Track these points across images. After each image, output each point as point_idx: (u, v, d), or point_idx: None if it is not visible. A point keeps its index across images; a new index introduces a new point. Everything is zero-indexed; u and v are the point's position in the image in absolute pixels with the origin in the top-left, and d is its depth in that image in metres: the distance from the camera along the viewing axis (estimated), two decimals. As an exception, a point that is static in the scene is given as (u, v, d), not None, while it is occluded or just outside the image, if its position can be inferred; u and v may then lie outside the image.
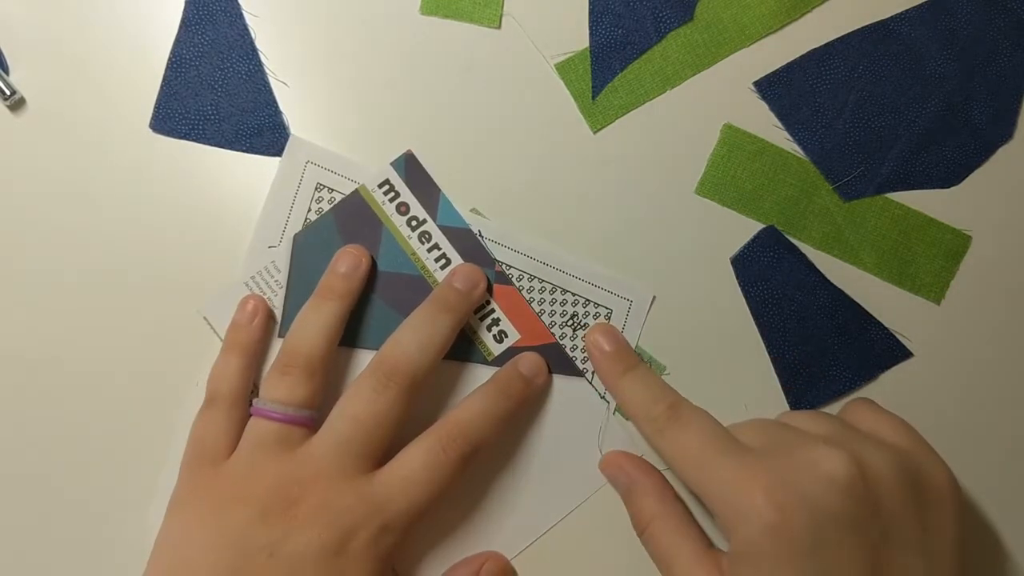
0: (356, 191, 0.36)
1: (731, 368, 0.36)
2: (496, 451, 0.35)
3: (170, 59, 0.37)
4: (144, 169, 0.37)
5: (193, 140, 0.37)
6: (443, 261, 0.35)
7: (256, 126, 0.37)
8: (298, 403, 0.32)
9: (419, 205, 0.36)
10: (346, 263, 0.34)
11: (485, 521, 0.35)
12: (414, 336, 0.33)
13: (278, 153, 0.37)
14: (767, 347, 0.36)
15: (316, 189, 0.36)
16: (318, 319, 0.33)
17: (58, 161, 0.37)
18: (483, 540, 0.35)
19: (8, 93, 0.36)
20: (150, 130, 0.37)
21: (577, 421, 0.35)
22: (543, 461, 0.35)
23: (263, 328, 0.35)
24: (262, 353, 0.35)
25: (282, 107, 0.37)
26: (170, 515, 0.32)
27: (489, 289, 0.35)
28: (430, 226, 0.35)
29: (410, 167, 0.36)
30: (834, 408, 0.36)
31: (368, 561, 0.31)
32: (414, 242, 0.35)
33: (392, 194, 0.36)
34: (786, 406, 0.36)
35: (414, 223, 0.36)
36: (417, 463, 0.31)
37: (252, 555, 0.29)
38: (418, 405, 0.33)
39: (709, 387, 0.36)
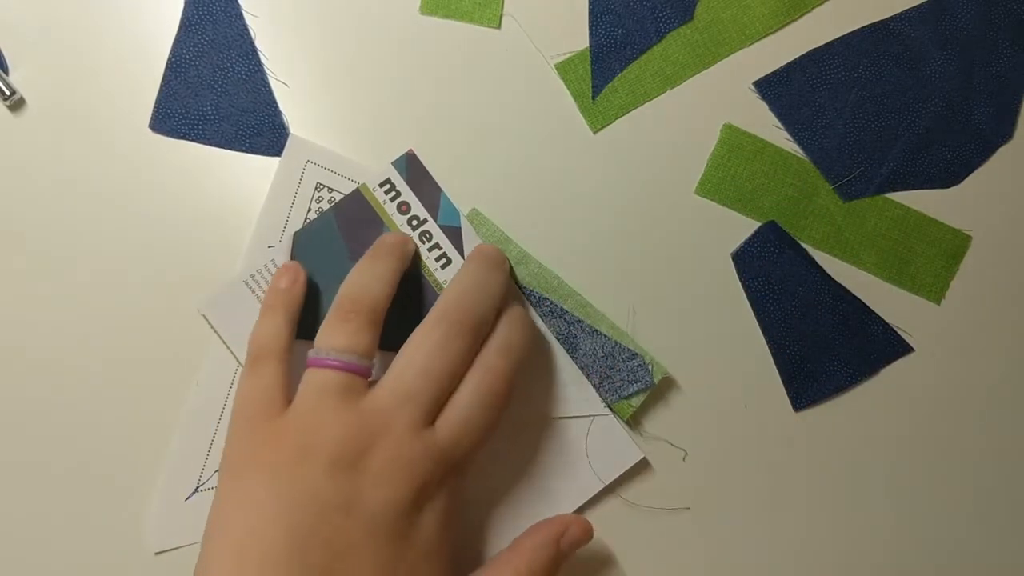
0: (357, 190, 0.36)
1: (731, 367, 0.36)
2: (493, 454, 0.34)
3: (170, 59, 0.37)
4: (144, 169, 0.37)
5: (193, 140, 0.37)
6: (444, 260, 0.35)
7: (256, 126, 0.37)
8: (360, 351, 0.30)
9: (420, 205, 0.36)
10: (394, 237, 0.34)
11: (483, 524, 0.35)
12: (478, 285, 0.32)
13: (278, 153, 0.37)
14: (768, 343, 0.36)
15: (316, 189, 0.36)
16: (378, 271, 0.32)
17: (58, 161, 0.37)
18: (482, 543, 0.35)
19: (8, 93, 0.36)
20: (150, 130, 0.37)
21: (574, 423, 0.35)
22: (541, 463, 0.35)
23: (303, 292, 0.34)
24: (298, 319, 0.34)
25: (282, 107, 0.37)
26: (227, 480, 0.30)
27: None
28: (431, 226, 0.35)
29: (411, 166, 0.36)
30: (837, 407, 0.36)
31: (440, 507, 0.30)
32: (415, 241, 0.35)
33: (393, 193, 0.36)
34: (787, 402, 0.36)
35: (415, 222, 0.36)
36: (473, 401, 0.30)
37: (327, 514, 0.28)
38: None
39: (710, 387, 0.36)
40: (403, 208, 0.36)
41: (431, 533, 0.30)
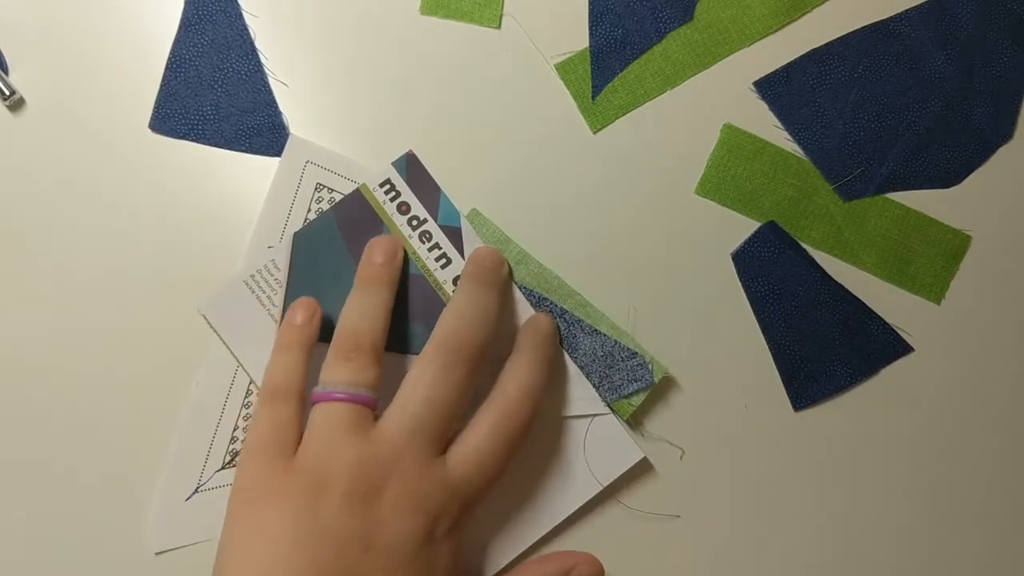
0: (357, 190, 0.36)
1: (731, 367, 0.36)
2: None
3: (170, 59, 0.37)
4: (143, 169, 0.37)
5: (193, 140, 0.37)
6: (443, 260, 0.35)
7: (256, 126, 0.37)
8: (367, 384, 0.31)
9: (420, 205, 0.36)
10: (382, 253, 0.34)
11: (479, 524, 0.35)
12: (474, 311, 0.32)
13: (278, 153, 0.37)
14: (768, 343, 0.36)
15: (316, 189, 0.36)
16: (370, 306, 0.33)
17: (58, 161, 0.37)
18: (483, 542, 0.35)
19: (8, 93, 0.36)
20: (150, 130, 0.37)
21: (574, 423, 0.35)
22: (539, 464, 0.35)
23: (318, 330, 0.34)
24: (314, 355, 0.34)
25: (282, 107, 0.37)
26: (241, 514, 0.30)
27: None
28: (431, 226, 0.35)
29: (411, 167, 0.36)
30: (837, 407, 0.36)
31: (452, 541, 0.31)
32: (415, 242, 0.35)
33: (393, 193, 0.36)
34: (787, 402, 0.36)
35: (415, 223, 0.36)
36: (488, 442, 0.31)
37: (345, 548, 0.28)
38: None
39: (710, 387, 0.36)
40: (403, 208, 0.36)
41: (446, 565, 0.30)
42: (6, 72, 0.37)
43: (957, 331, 0.36)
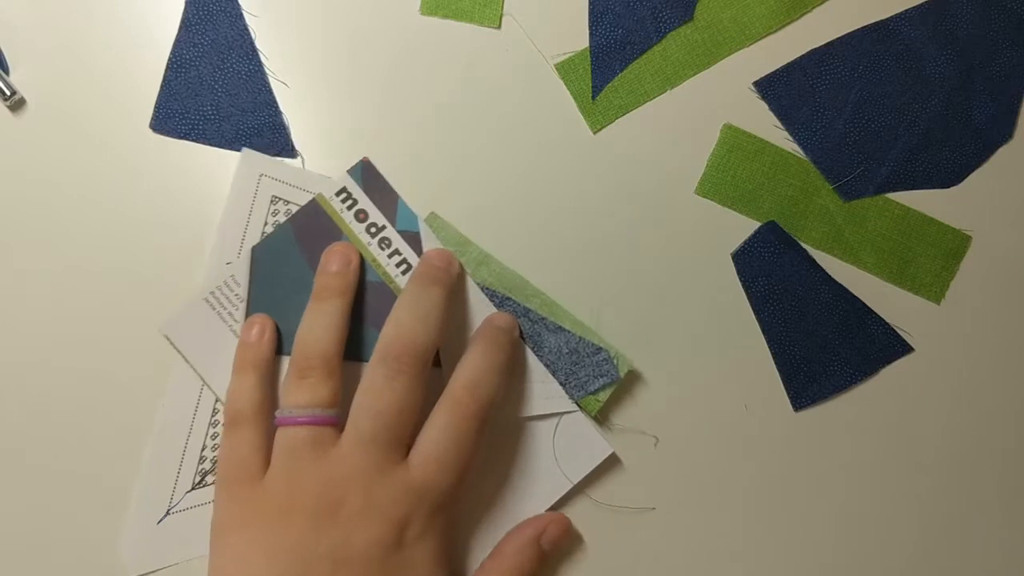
0: (314, 200, 0.35)
1: (732, 368, 0.36)
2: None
3: (170, 59, 0.37)
4: (144, 169, 0.37)
5: (193, 140, 0.37)
6: (404, 266, 0.35)
7: (256, 126, 0.37)
8: (323, 403, 0.31)
9: (378, 211, 0.35)
10: (336, 261, 0.34)
11: (456, 525, 0.34)
12: (413, 314, 0.32)
13: (278, 153, 0.37)
14: (768, 343, 0.36)
15: (271, 202, 0.36)
16: (324, 319, 0.33)
17: (58, 162, 0.37)
18: (454, 543, 0.34)
19: (8, 93, 0.36)
20: (150, 130, 0.37)
21: (542, 422, 0.35)
22: (509, 465, 0.35)
23: (272, 344, 0.34)
24: (275, 370, 0.34)
25: (282, 107, 0.37)
26: (218, 543, 0.31)
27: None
28: (389, 232, 0.35)
29: (367, 174, 0.36)
30: (837, 407, 0.36)
31: (429, 542, 0.31)
32: (374, 248, 0.35)
33: (350, 202, 0.35)
34: (787, 402, 0.36)
35: (373, 229, 0.35)
36: (443, 439, 0.31)
37: (315, 565, 0.29)
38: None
39: (710, 387, 0.36)
40: (361, 216, 0.35)
41: (424, 568, 0.31)
42: (6, 72, 0.37)
43: (957, 331, 0.36)
